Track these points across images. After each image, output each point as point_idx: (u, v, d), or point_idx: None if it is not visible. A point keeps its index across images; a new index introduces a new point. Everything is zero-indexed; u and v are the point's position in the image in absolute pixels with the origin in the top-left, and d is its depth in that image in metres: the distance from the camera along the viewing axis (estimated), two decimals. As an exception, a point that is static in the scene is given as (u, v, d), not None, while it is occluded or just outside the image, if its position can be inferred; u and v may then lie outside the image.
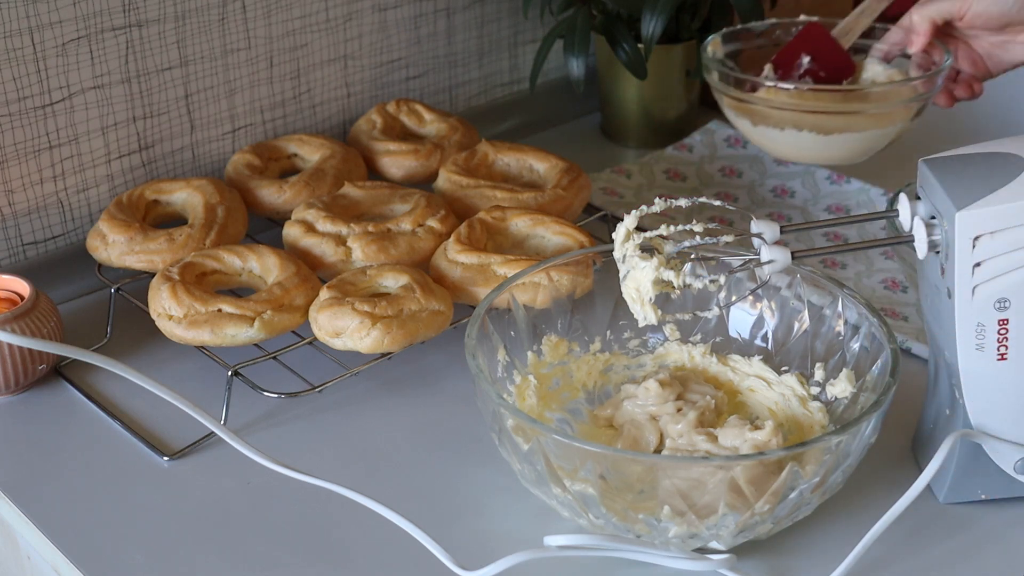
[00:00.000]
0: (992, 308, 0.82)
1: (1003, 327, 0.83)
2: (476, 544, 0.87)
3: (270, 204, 1.16)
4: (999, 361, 0.83)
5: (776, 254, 0.84)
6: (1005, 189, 0.81)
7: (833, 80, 1.21)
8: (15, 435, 0.98)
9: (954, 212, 0.80)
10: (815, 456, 0.80)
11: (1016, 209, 0.80)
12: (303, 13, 1.24)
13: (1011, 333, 0.83)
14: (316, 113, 1.30)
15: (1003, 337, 0.83)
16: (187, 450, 0.96)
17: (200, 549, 0.87)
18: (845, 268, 1.18)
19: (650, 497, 0.81)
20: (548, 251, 1.09)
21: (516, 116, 1.45)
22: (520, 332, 0.97)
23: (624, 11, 1.33)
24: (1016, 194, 0.81)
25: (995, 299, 0.82)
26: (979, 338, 0.83)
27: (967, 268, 0.82)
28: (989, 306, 0.82)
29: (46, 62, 1.08)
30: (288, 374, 1.00)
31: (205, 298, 0.99)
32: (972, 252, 0.81)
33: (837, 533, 0.88)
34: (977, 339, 0.83)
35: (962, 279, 0.82)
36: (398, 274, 1.02)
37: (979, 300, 0.82)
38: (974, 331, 0.83)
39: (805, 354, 0.97)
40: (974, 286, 0.82)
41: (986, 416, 0.85)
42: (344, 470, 0.94)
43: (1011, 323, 0.82)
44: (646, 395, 0.93)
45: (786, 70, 1.21)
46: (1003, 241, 0.81)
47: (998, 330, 0.83)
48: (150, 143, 1.18)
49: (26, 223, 1.12)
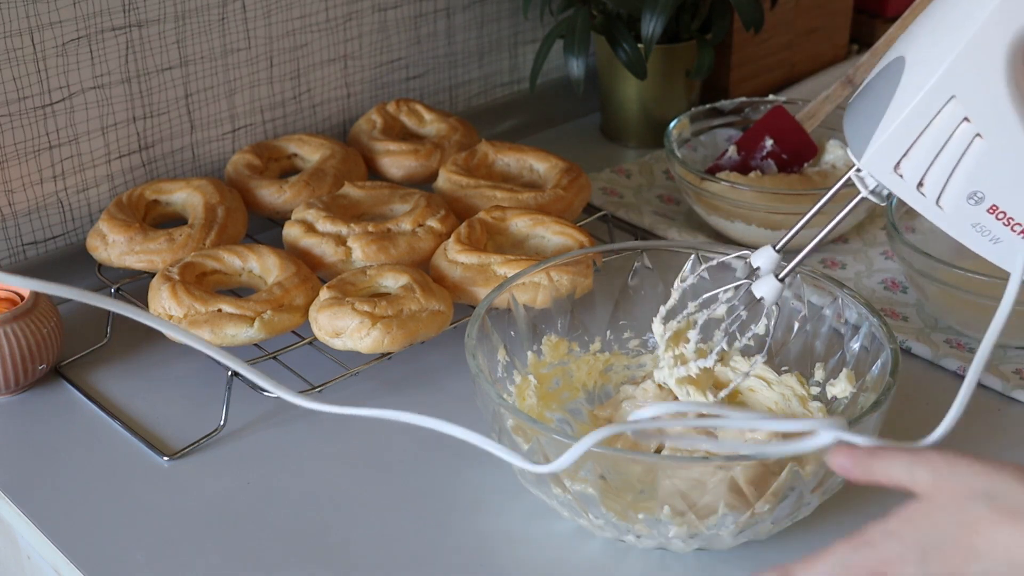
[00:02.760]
0: (970, 207, 0.79)
1: (996, 212, 0.79)
2: (476, 544, 0.87)
3: (270, 204, 1.16)
4: (1020, 237, 0.80)
5: (764, 289, 0.87)
6: (890, 108, 0.79)
7: (795, 163, 1.23)
8: (15, 435, 0.98)
9: (859, 161, 0.80)
10: (815, 456, 0.80)
11: (907, 123, 0.78)
12: (303, 13, 1.24)
13: (1009, 210, 0.79)
14: (316, 113, 1.30)
15: (1006, 218, 0.80)
16: (187, 450, 0.96)
17: (200, 549, 0.87)
18: (845, 268, 1.18)
19: (650, 497, 0.81)
20: (548, 251, 1.09)
21: (516, 116, 1.45)
22: (520, 332, 0.97)
23: (624, 11, 1.33)
24: (901, 106, 0.78)
25: (966, 199, 0.79)
26: (986, 234, 0.80)
27: (915, 194, 0.80)
28: (967, 207, 0.79)
29: (46, 62, 1.08)
30: (288, 374, 1.00)
31: (205, 298, 0.99)
32: (904, 180, 0.79)
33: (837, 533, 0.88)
34: (986, 237, 0.80)
35: (921, 205, 0.80)
36: (398, 274, 1.02)
37: (953, 210, 0.80)
38: (979, 234, 0.80)
39: (805, 354, 0.97)
40: (936, 203, 0.80)
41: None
42: (344, 470, 0.94)
43: (999, 203, 0.79)
44: (644, 396, 0.93)
45: (749, 152, 1.23)
46: (923, 151, 0.78)
47: (995, 217, 0.80)
48: (150, 143, 1.18)
49: (26, 223, 1.12)
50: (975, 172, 0.78)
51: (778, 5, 1.44)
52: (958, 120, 0.78)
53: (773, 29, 1.46)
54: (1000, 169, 0.78)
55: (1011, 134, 0.77)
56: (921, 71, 0.78)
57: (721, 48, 1.44)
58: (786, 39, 1.49)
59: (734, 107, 1.31)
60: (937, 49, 0.77)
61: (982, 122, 0.77)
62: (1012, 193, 0.78)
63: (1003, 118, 0.77)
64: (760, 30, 1.32)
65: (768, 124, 1.24)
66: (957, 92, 0.77)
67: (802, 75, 1.53)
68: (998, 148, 0.78)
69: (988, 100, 0.77)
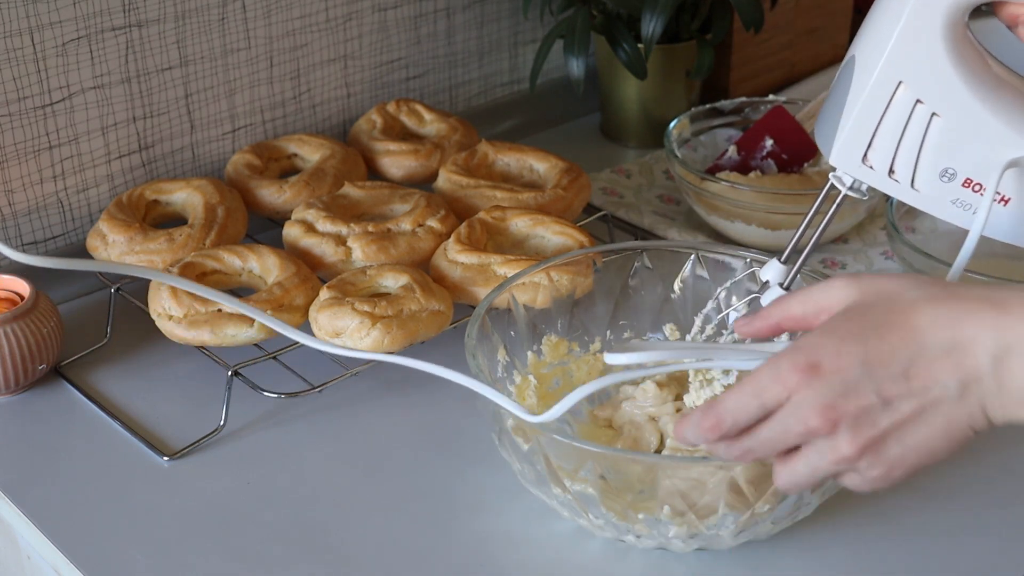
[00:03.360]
0: (944, 184, 0.79)
1: (972, 185, 0.79)
2: (476, 544, 0.87)
3: (270, 204, 1.16)
4: (1003, 206, 0.80)
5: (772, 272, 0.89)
6: (847, 105, 0.79)
7: (795, 163, 1.23)
8: (15, 435, 0.98)
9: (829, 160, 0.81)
10: (815, 456, 0.80)
11: (863, 115, 0.78)
12: (303, 13, 1.24)
13: (983, 180, 0.79)
14: (316, 113, 1.30)
15: (983, 189, 0.79)
16: (187, 450, 0.96)
17: (200, 549, 0.87)
18: (845, 268, 1.18)
19: (650, 497, 0.81)
20: (548, 251, 1.09)
21: (516, 116, 1.45)
22: (520, 332, 0.97)
23: (624, 11, 1.33)
24: (855, 101, 0.78)
25: (938, 177, 0.79)
26: (968, 208, 0.80)
27: (888, 182, 0.80)
28: (942, 185, 0.79)
29: (46, 62, 1.08)
30: (288, 374, 1.00)
31: (205, 298, 0.99)
32: (875, 170, 0.79)
33: (837, 533, 0.88)
34: (968, 211, 0.80)
35: (897, 191, 0.80)
36: (398, 274, 1.02)
37: (930, 190, 0.80)
38: (961, 209, 0.80)
39: (805, 354, 0.96)
40: (911, 186, 0.80)
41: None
42: (344, 470, 0.94)
43: (973, 176, 0.79)
44: (644, 396, 0.93)
45: (749, 152, 1.23)
46: (885, 140, 0.78)
47: (972, 190, 0.79)
48: (150, 143, 1.18)
49: (26, 223, 1.12)
50: (941, 150, 0.78)
51: (778, 5, 1.44)
52: (911, 103, 0.78)
53: (773, 29, 1.46)
54: (964, 143, 0.78)
55: (965, 107, 0.77)
56: (868, 64, 0.79)
57: (721, 48, 1.44)
58: (786, 39, 1.49)
59: (734, 107, 1.31)
60: (878, 40, 0.78)
61: (935, 101, 0.77)
62: (984, 163, 0.78)
63: (954, 94, 0.77)
64: (760, 30, 1.32)
65: (768, 124, 1.24)
66: (904, 77, 0.77)
67: (802, 75, 1.53)
68: (957, 123, 0.78)
69: (935, 79, 0.77)
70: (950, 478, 0.93)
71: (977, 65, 0.78)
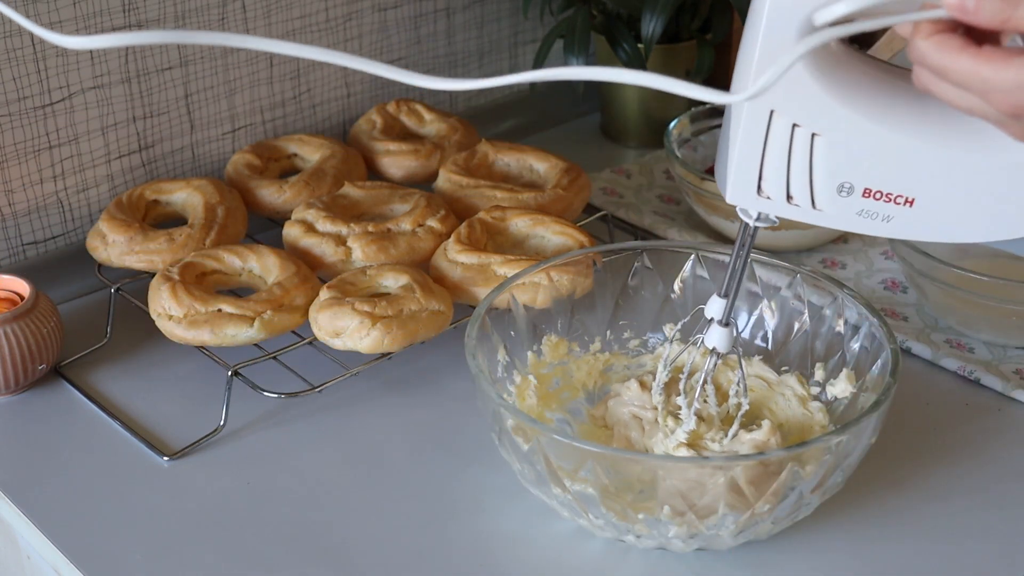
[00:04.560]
0: (845, 199, 0.78)
1: (872, 194, 0.78)
2: (476, 544, 0.87)
3: (270, 204, 1.16)
4: (908, 207, 0.78)
5: (715, 339, 0.87)
6: (730, 142, 0.78)
7: None
8: (15, 435, 0.98)
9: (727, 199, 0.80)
10: (815, 456, 0.80)
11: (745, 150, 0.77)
12: (303, 13, 1.24)
13: (884, 187, 0.78)
14: (316, 113, 1.30)
15: (884, 195, 0.78)
16: (187, 450, 0.96)
17: (200, 549, 0.87)
18: (845, 268, 1.18)
19: (650, 497, 0.81)
20: (548, 251, 1.09)
21: (516, 116, 1.45)
22: (520, 332, 0.97)
23: (624, 11, 1.33)
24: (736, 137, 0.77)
25: (837, 194, 0.78)
26: (875, 216, 0.79)
27: (789, 208, 0.79)
28: (842, 200, 0.78)
29: (46, 62, 1.08)
30: (288, 374, 1.00)
31: (205, 298, 1.00)
32: (773, 200, 0.78)
33: (837, 533, 0.88)
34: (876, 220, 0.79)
35: (800, 215, 0.79)
36: (398, 274, 1.02)
37: (832, 208, 0.78)
38: (869, 219, 0.79)
39: (805, 354, 0.97)
40: (812, 208, 0.78)
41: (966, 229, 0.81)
42: (344, 470, 0.94)
43: (871, 185, 0.77)
44: (628, 394, 0.94)
45: None
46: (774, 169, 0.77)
47: (874, 199, 0.78)
48: (150, 143, 1.18)
49: (26, 223, 1.12)
50: (831, 167, 0.77)
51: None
52: (789, 129, 0.76)
53: (773, 29, 1.46)
54: (852, 155, 0.77)
55: (844, 121, 0.76)
56: None
57: (721, 48, 1.44)
58: (786, 39, 1.48)
59: None
60: (743, 72, 0.77)
61: (811, 122, 0.76)
62: (877, 171, 0.77)
63: (827, 111, 0.75)
64: (760, 30, 1.32)
65: None
66: (773, 106, 0.76)
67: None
68: (839, 138, 0.76)
69: (804, 101, 0.75)
70: (950, 478, 0.93)
71: (849, 75, 0.76)
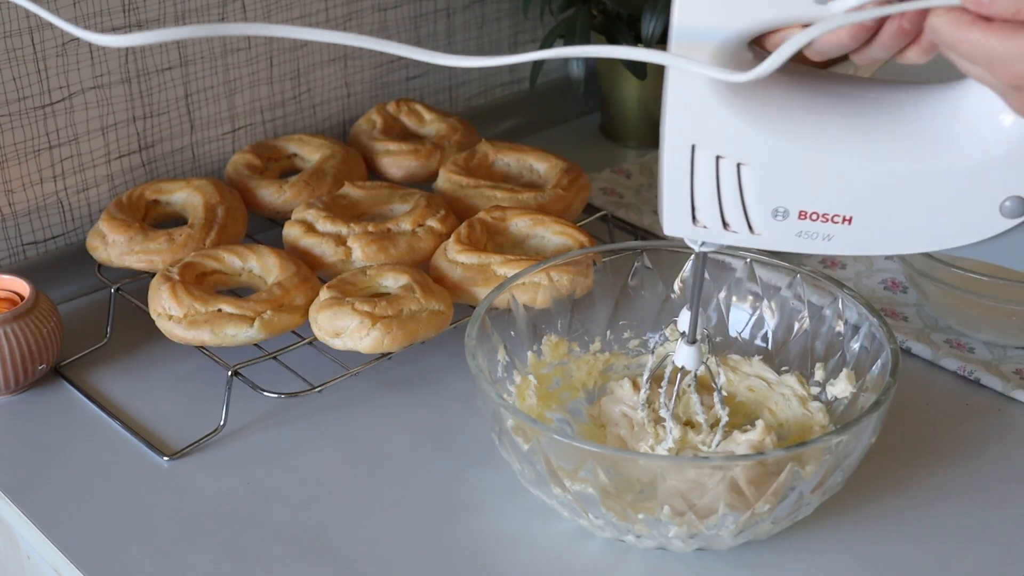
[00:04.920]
0: (781, 223, 0.77)
1: (808, 216, 0.77)
2: (476, 544, 0.87)
3: (270, 204, 1.16)
4: (847, 226, 0.77)
5: (683, 358, 0.87)
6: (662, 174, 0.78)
7: None
8: (15, 435, 0.98)
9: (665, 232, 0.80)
10: (815, 456, 0.80)
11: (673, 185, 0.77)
12: (303, 13, 1.24)
13: (819, 208, 0.77)
14: (316, 113, 1.30)
15: (821, 216, 0.77)
16: (187, 450, 0.96)
17: (199, 549, 0.87)
18: (845, 268, 1.18)
19: (650, 497, 0.81)
20: (548, 251, 1.09)
21: (516, 116, 1.45)
22: (520, 332, 0.97)
23: (624, 11, 1.33)
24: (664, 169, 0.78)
25: (773, 218, 0.77)
26: (815, 237, 0.78)
27: (727, 235, 0.79)
28: (780, 224, 0.77)
29: (46, 62, 1.08)
30: (288, 374, 1.00)
31: (205, 298, 1.00)
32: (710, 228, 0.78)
33: (837, 533, 0.88)
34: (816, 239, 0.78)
35: (739, 240, 0.79)
36: (398, 274, 1.02)
37: (770, 232, 0.78)
38: (810, 239, 0.78)
39: (805, 354, 0.97)
40: (750, 233, 0.78)
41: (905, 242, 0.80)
42: (344, 470, 0.94)
43: (805, 207, 0.77)
44: (620, 392, 0.94)
45: None
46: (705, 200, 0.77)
47: (811, 219, 0.77)
48: (150, 143, 1.18)
49: (26, 223, 1.12)
50: (762, 194, 0.76)
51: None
52: (713, 161, 0.76)
53: (773, 29, 1.46)
54: (781, 180, 0.76)
55: (767, 147, 0.75)
56: (663, 135, 0.77)
57: (721, 48, 1.44)
58: (786, 39, 1.48)
59: None
60: (663, 110, 0.76)
61: (734, 153, 0.75)
62: (809, 193, 0.76)
63: (749, 139, 0.75)
64: (760, 30, 1.32)
65: None
66: (694, 140, 0.76)
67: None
68: (765, 165, 0.76)
69: (722, 133, 0.75)
70: (950, 479, 0.93)
71: (769, 98, 0.75)
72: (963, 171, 0.73)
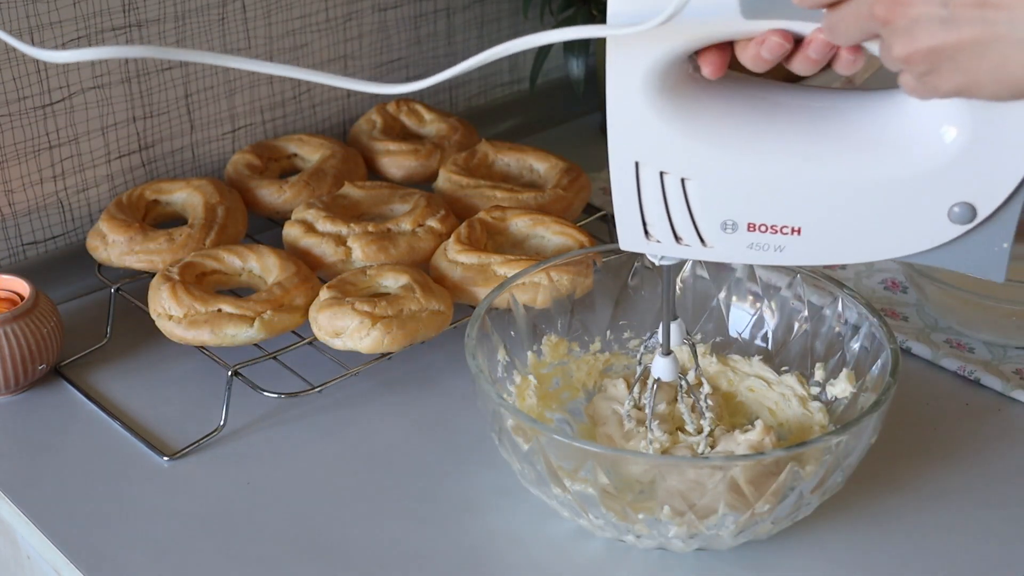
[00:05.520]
0: (729, 235, 0.77)
1: (757, 228, 0.77)
2: (476, 544, 0.87)
3: (270, 204, 1.16)
4: (797, 236, 0.77)
5: (660, 369, 0.88)
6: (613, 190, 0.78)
7: None
8: (15, 435, 0.98)
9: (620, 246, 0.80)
10: (815, 456, 0.80)
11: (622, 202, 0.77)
12: (303, 13, 1.24)
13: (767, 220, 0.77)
14: (316, 113, 1.30)
15: (770, 227, 0.77)
16: (187, 450, 0.96)
17: (200, 549, 0.87)
18: (845, 268, 1.18)
19: (650, 497, 0.81)
20: (548, 251, 1.09)
21: (516, 116, 1.45)
22: (520, 332, 0.97)
23: (624, 11, 1.32)
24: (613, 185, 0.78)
25: (722, 231, 0.77)
26: (767, 248, 0.78)
27: (680, 248, 0.79)
28: (730, 237, 0.77)
29: (46, 62, 1.08)
30: (288, 374, 1.00)
31: (205, 298, 1.00)
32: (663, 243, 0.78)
33: (837, 533, 0.88)
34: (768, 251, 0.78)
35: (693, 253, 0.79)
36: (398, 274, 1.02)
37: (721, 245, 0.77)
38: (762, 251, 0.78)
39: (805, 354, 0.97)
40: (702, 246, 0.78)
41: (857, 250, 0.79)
42: (344, 470, 0.94)
43: (754, 220, 0.76)
44: (613, 391, 0.94)
45: None
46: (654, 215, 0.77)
47: (760, 231, 0.77)
48: (150, 143, 1.18)
49: (26, 223, 1.12)
50: (710, 207, 0.76)
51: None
52: (657, 177, 0.76)
53: (773, 29, 1.45)
54: (727, 193, 0.76)
55: (710, 161, 0.75)
56: (609, 152, 0.77)
57: (721, 48, 1.43)
58: (786, 39, 1.48)
59: None
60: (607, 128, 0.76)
61: (677, 168, 0.75)
62: (755, 204, 0.76)
63: (690, 154, 0.75)
64: (760, 30, 1.31)
65: None
66: (637, 157, 0.75)
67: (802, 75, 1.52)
68: (710, 178, 0.75)
69: (664, 149, 0.75)
70: (950, 479, 0.93)
71: (709, 111, 0.75)
72: (908, 178, 0.73)
